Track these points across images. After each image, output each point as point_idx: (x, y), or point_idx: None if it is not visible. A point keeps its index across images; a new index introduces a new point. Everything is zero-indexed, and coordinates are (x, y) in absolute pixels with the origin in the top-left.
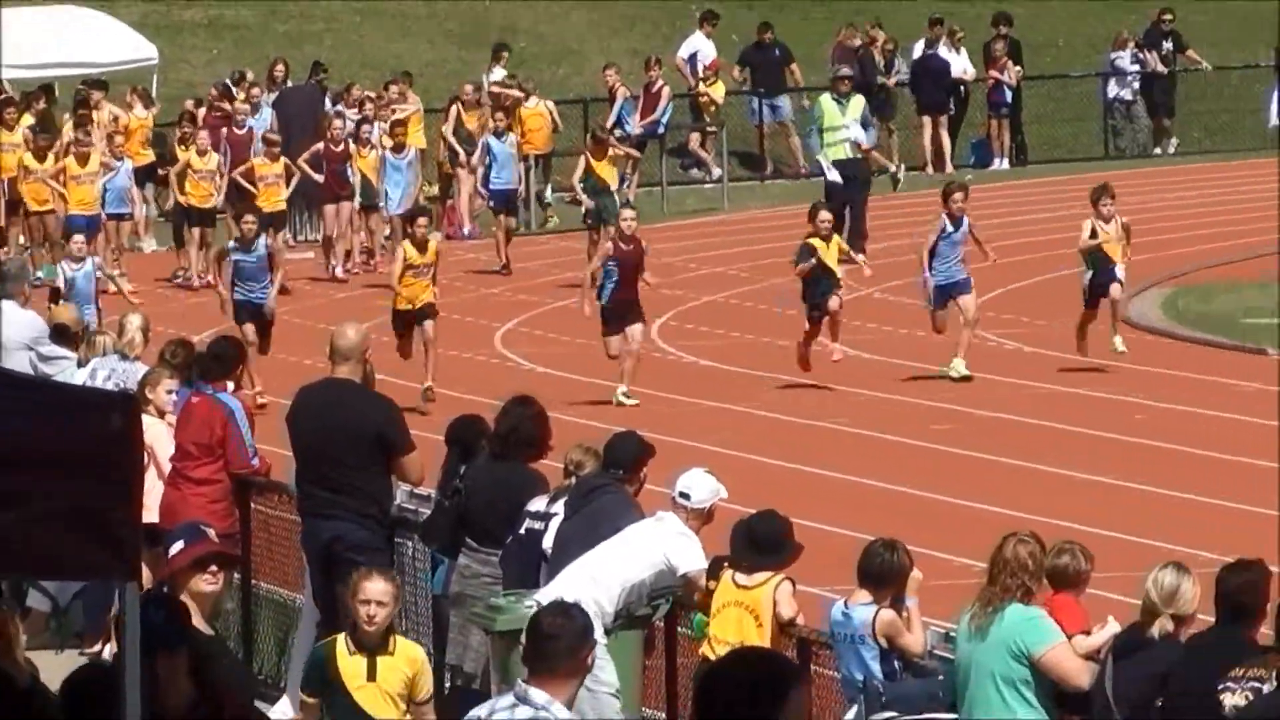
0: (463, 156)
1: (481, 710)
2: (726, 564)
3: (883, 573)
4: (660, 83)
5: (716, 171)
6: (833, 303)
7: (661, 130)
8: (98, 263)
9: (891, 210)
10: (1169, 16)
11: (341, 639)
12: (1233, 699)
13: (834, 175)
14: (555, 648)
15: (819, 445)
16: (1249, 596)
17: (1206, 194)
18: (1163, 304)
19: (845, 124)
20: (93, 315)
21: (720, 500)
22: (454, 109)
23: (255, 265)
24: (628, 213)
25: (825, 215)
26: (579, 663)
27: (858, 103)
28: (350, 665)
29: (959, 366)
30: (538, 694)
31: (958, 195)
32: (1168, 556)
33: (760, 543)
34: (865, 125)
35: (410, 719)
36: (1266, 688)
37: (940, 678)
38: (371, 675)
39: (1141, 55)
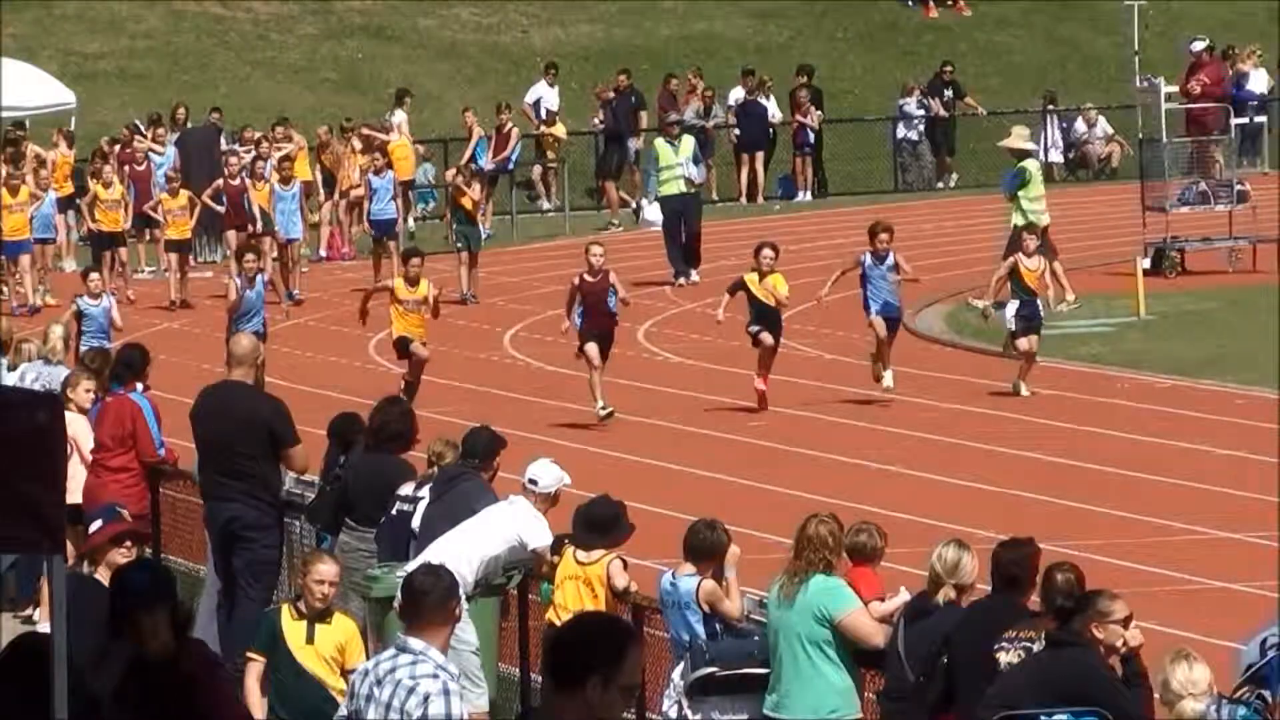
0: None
1: (369, 664)
2: (568, 541)
3: (704, 548)
4: (510, 125)
5: (552, 203)
6: (765, 339)
7: (511, 166)
8: (112, 300)
9: (719, 235)
10: (950, 68)
11: (287, 606)
12: (1007, 657)
13: (650, 214)
14: (428, 602)
15: (648, 439)
16: (1020, 569)
17: (983, 222)
18: (945, 317)
19: (678, 163)
20: (109, 344)
21: (564, 486)
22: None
23: (256, 299)
24: (596, 248)
25: (768, 252)
26: (448, 614)
27: (688, 143)
28: (293, 628)
29: (888, 378)
30: (415, 641)
31: (884, 235)
32: (950, 535)
33: (596, 524)
34: (696, 162)
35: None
36: (1035, 647)
37: (755, 639)
38: (310, 639)
39: (926, 102)
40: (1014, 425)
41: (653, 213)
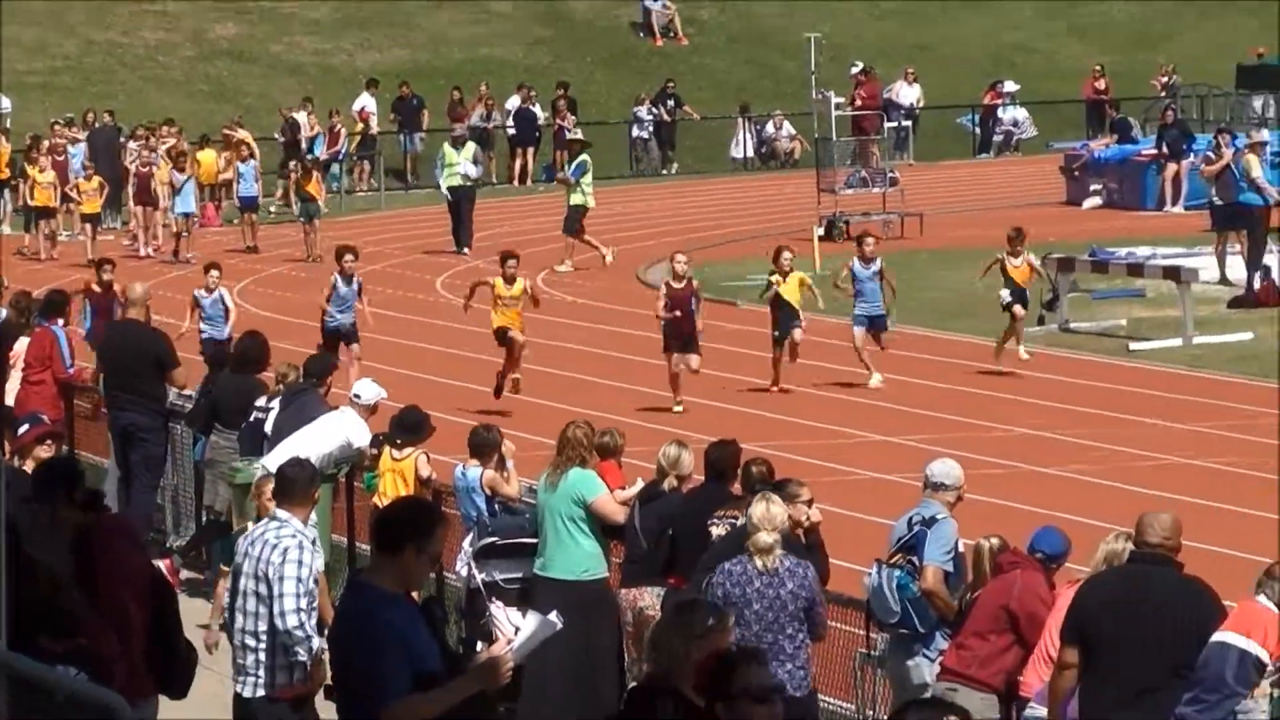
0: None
1: (252, 530)
2: (384, 441)
3: (484, 445)
4: (339, 125)
5: (368, 184)
6: (796, 334)
7: (342, 156)
8: (223, 295)
9: (497, 209)
10: (671, 83)
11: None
12: (717, 530)
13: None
14: (295, 486)
15: (448, 366)
16: (726, 464)
17: (697, 201)
18: (667, 272)
19: (459, 162)
20: (225, 332)
21: (382, 399)
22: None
23: (349, 294)
24: (680, 257)
25: (787, 255)
26: (309, 495)
27: (469, 147)
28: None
29: (875, 379)
30: (282, 513)
31: (869, 241)
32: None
33: (407, 427)
34: (476, 162)
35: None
36: (739, 522)
37: (527, 516)
38: None
39: (654, 109)
40: (730, 356)
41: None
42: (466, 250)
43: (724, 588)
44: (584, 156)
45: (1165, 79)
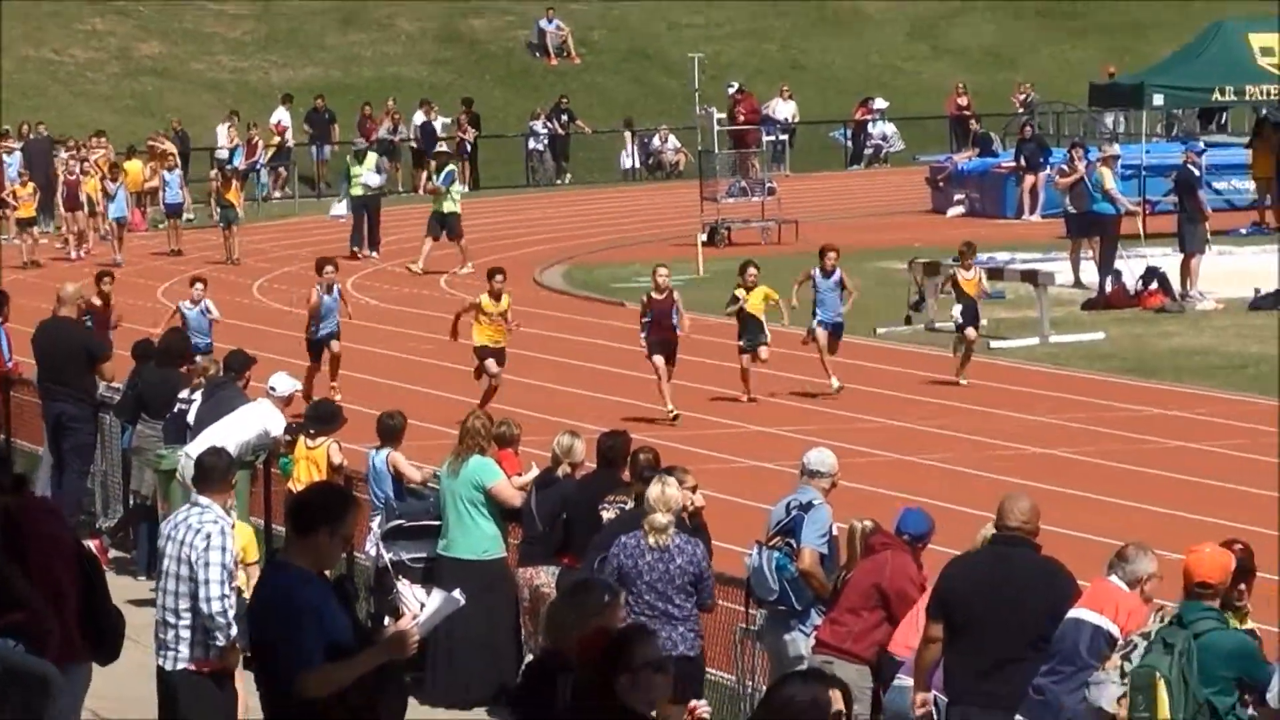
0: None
1: (174, 516)
2: (299, 430)
3: (390, 432)
4: (257, 137)
5: (283, 191)
6: (762, 352)
7: (260, 165)
8: (206, 305)
9: (403, 216)
10: (565, 100)
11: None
12: (608, 514)
13: (336, 210)
14: (214, 474)
15: (360, 361)
16: (617, 453)
17: (589, 209)
18: (563, 275)
19: (361, 173)
20: (208, 341)
21: (296, 391)
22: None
23: (332, 304)
24: (662, 270)
25: (752, 270)
26: (227, 483)
27: (372, 158)
28: None
29: (835, 382)
30: (203, 499)
31: (831, 255)
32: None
33: (320, 418)
34: (380, 171)
35: (244, 574)
36: (628, 506)
37: (431, 500)
38: None
39: (548, 123)
40: (617, 352)
41: (339, 209)
42: (375, 253)
43: (619, 559)
44: (451, 166)
45: (1023, 97)
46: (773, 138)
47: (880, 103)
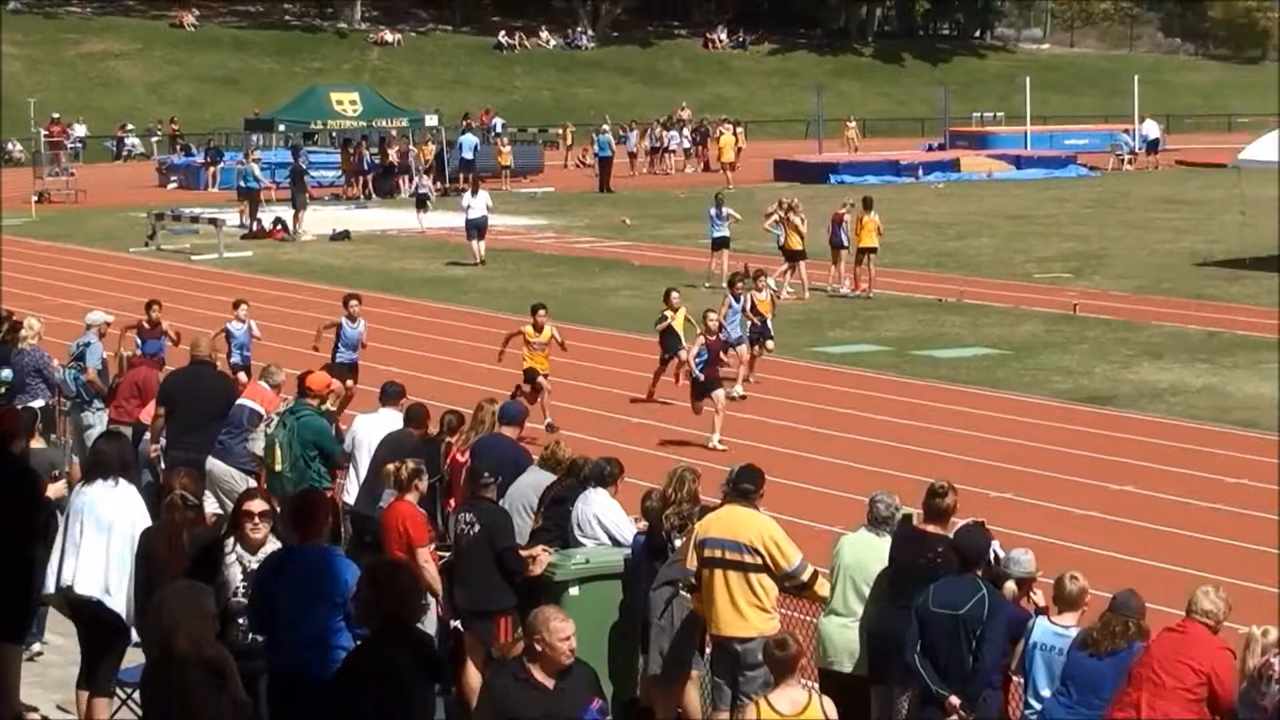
0: None
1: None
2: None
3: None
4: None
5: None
6: (682, 354)
7: None
8: (251, 325)
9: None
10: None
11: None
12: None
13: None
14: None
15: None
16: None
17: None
18: None
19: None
20: (249, 359)
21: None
22: None
23: (354, 335)
24: (713, 316)
25: (675, 296)
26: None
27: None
28: None
29: (738, 389)
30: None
31: (740, 285)
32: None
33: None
34: None
35: None
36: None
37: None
38: None
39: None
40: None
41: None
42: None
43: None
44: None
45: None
46: None
47: None
